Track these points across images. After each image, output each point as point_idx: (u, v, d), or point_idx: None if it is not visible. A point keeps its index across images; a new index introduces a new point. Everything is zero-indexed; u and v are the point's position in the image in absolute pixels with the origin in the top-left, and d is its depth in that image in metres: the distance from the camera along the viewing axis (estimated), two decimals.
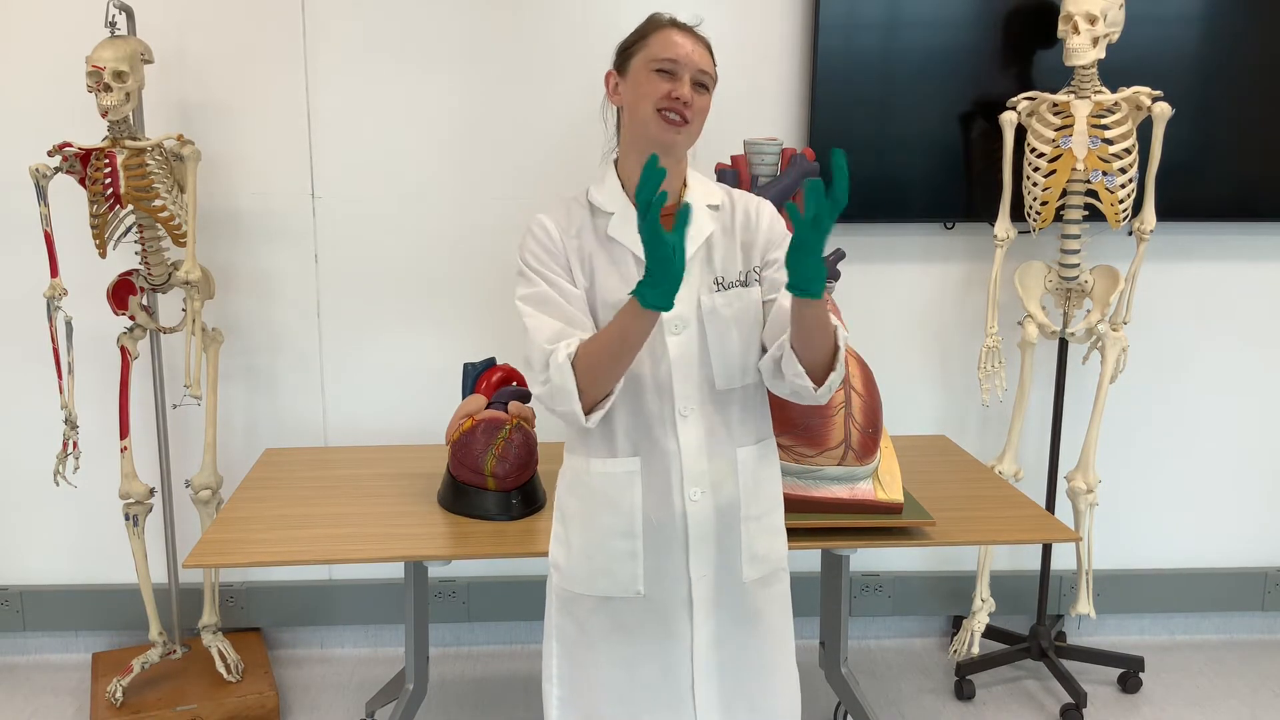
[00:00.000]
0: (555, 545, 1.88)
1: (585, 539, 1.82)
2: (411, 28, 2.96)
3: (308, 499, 2.43)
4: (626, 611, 1.81)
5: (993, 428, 3.28)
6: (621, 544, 1.80)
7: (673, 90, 1.75)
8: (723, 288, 1.80)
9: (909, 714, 2.97)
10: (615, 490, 1.79)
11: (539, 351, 1.72)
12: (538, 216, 1.83)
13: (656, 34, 1.79)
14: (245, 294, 3.07)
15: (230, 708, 2.85)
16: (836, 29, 2.93)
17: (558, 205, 1.86)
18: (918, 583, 3.34)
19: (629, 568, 1.80)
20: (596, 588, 1.81)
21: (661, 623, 1.81)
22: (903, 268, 3.16)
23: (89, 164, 2.65)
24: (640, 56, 1.79)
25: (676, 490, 1.78)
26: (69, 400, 2.75)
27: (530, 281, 1.78)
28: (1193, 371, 3.27)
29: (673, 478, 1.78)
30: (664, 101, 1.75)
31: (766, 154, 2.33)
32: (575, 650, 1.85)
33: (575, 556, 1.83)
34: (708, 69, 1.80)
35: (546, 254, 1.79)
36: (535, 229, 1.81)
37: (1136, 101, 2.74)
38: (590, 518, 1.81)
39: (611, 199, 1.83)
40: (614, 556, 1.80)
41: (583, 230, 1.82)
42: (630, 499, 1.79)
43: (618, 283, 1.78)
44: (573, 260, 1.80)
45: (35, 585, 3.20)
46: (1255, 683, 3.17)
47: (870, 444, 2.20)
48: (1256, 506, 3.38)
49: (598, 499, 1.80)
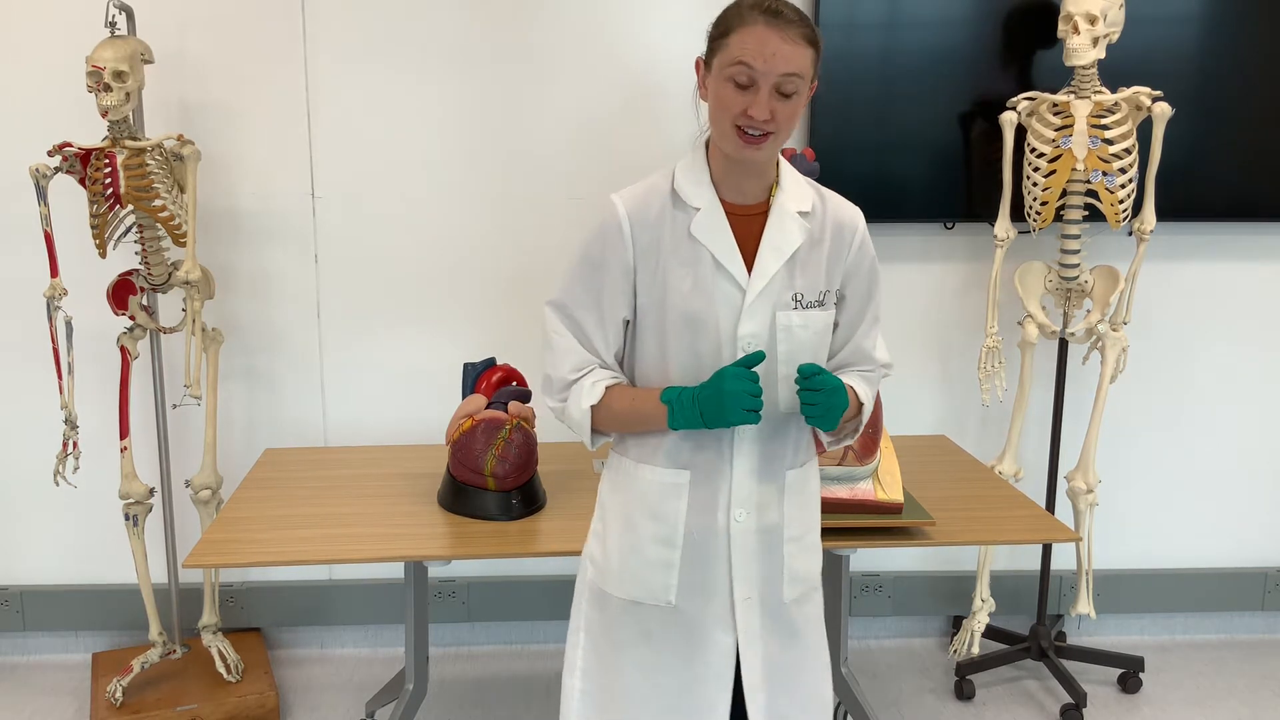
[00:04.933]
0: (594, 540, 1.84)
1: (623, 541, 1.77)
2: (412, 28, 2.96)
3: (308, 499, 2.43)
4: (654, 619, 1.76)
5: (993, 428, 3.28)
6: (659, 552, 1.74)
7: (749, 108, 1.57)
8: (801, 306, 1.69)
9: (909, 714, 2.97)
10: (660, 499, 1.73)
11: (561, 378, 1.72)
12: (612, 200, 1.68)
13: (739, 30, 1.58)
14: (245, 294, 3.07)
15: (230, 708, 2.85)
16: (836, 29, 2.93)
17: (639, 187, 1.70)
18: (918, 583, 3.34)
19: (663, 577, 1.74)
20: (627, 591, 1.77)
21: (688, 636, 1.76)
22: (903, 268, 3.16)
23: (89, 164, 2.65)
24: (721, 56, 1.61)
25: (723, 509, 1.73)
26: (69, 400, 2.75)
27: (572, 287, 1.69)
28: (1192, 371, 3.27)
29: (720, 497, 1.73)
30: (741, 119, 1.58)
31: None
32: (601, 645, 1.81)
33: (611, 556, 1.79)
34: (798, 70, 1.58)
35: (609, 255, 1.67)
36: (608, 219, 1.67)
37: (1136, 101, 2.74)
38: (631, 521, 1.76)
39: (699, 192, 1.68)
40: (649, 563, 1.75)
41: (662, 221, 1.67)
42: (675, 510, 1.73)
43: (690, 289, 1.65)
44: (641, 261, 1.66)
45: (35, 585, 3.20)
46: (1255, 683, 3.17)
47: (870, 444, 2.20)
48: (1256, 506, 3.37)
49: (641, 504, 1.75)
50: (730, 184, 1.69)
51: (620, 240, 1.66)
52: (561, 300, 1.71)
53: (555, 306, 1.72)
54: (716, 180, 1.69)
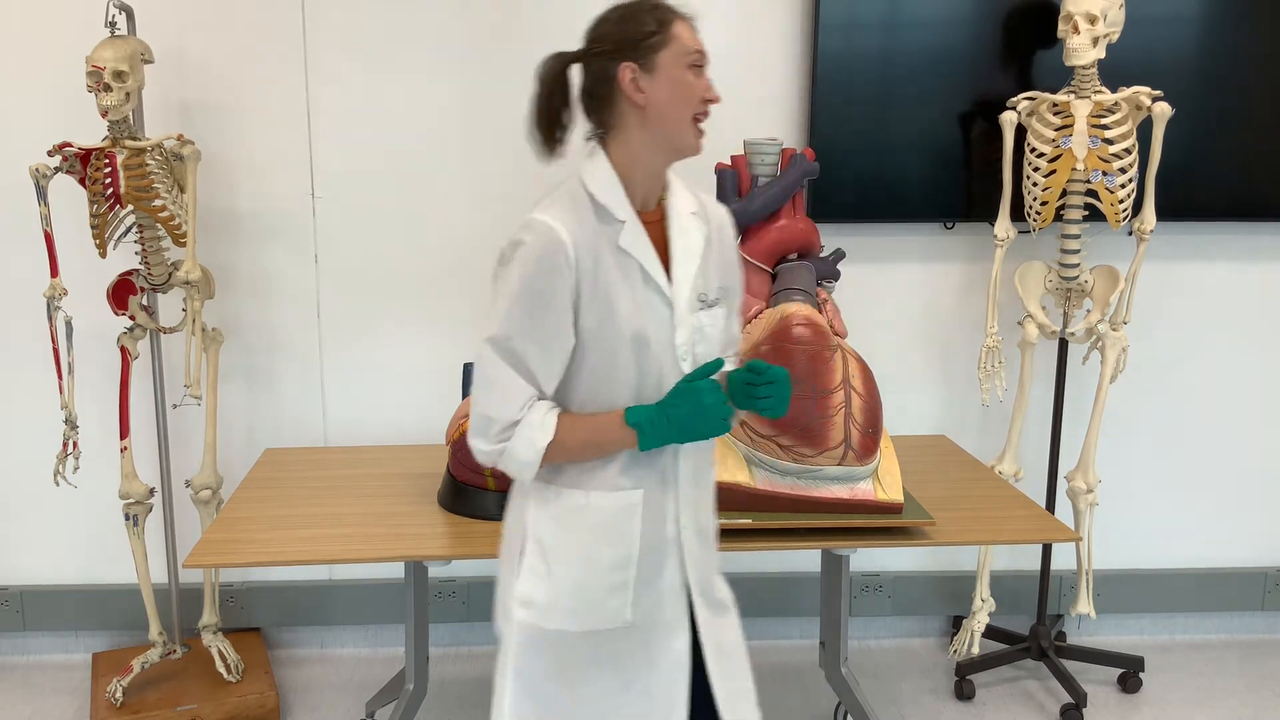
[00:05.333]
0: (531, 581, 1.72)
1: (577, 574, 1.70)
2: (412, 28, 2.96)
3: (308, 499, 2.43)
4: (611, 641, 1.73)
5: (993, 428, 3.28)
6: (616, 576, 1.71)
7: (708, 90, 1.64)
8: (707, 306, 1.72)
9: (909, 714, 2.97)
10: (616, 523, 1.70)
11: (506, 419, 1.61)
12: (549, 226, 1.58)
13: (676, 24, 1.63)
14: (245, 294, 3.07)
15: (230, 708, 2.85)
16: (836, 29, 2.93)
17: (564, 205, 1.64)
18: (918, 583, 3.34)
19: (619, 598, 1.72)
20: (583, 622, 1.71)
21: (645, 649, 1.75)
22: (903, 268, 3.16)
23: (89, 164, 2.65)
24: (669, 51, 1.62)
25: (670, 520, 1.74)
26: (69, 400, 2.75)
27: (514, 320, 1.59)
28: (1192, 371, 3.27)
29: (668, 508, 1.74)
30: (702, 106, 1.63)
31: (766, 154, 2.33)
32: (540, 689, 1.74)
33: (560, 592, 1.70)
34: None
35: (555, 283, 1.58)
36: (550, 245, 1.58)
37: (1136, 101, 2.74)
38: (585, 552, 1.70)
39: (618, 203, 1.65)
40: (607, 589, 1.71)
41: (596, 239, 1.62)
42: (631, 530, 1.70)
43: (631, 305, 1.63)
44: (584, 283, 1.60)
45: (35, 585, 3.20)
46: (1255, 683, 3.17)
47: (870, 444, 2.20)
48: (1256, 506, 3.37)
49: (596, 532, 1.70)
50: (636, 190, 1.68)
51: (566, 265, 1.58)
52: (504, 334, 1.60)
53: (496, 343, 1.61)
54: (630, 190, 1.68)
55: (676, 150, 1.66)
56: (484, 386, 1.63)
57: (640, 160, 1.67)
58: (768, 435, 2.19)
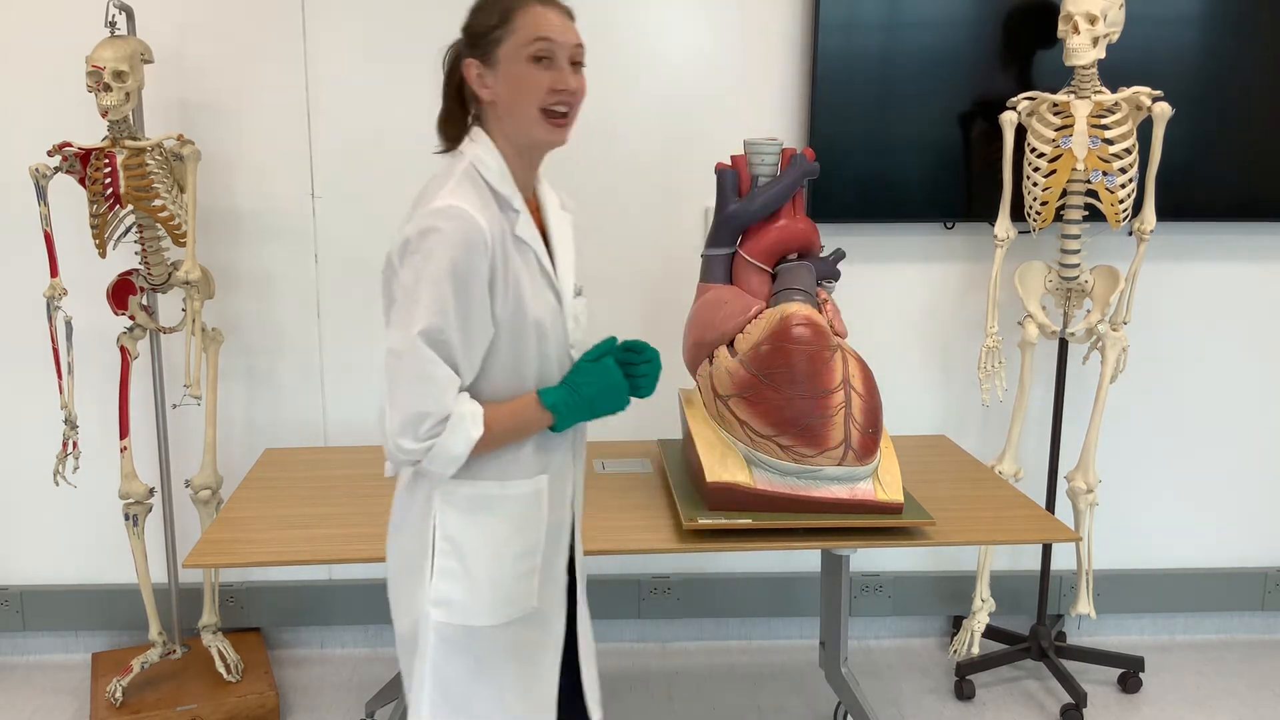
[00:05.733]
0: (445, 583, 1.69)
1: (489, 567, 1.70)
2: (412, 28, 2.96)
3: (308, 499, 2.43)
4: (522, 630, 1.75)
5: (993, 428, 3.28)
6: (524, 563, 1.73)
7: (556, 81, 1.59)
8: (579, 294, 1.78)
9: (909, 714, 2.97)
10: (525, 511, 1.72)
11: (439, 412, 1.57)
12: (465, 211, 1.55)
13: (522, 13, 1.59)
14: (245, 294, 3.07)
15: (230, 708, 2.85)
16: (836, 29, 2.93)
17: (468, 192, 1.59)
18: (918, 583, 3.34)
19: (527, 584, 1.74)
20: (501, 615, 1.72)
21: (546, 629, 1.79)
22: (903, 268, 3.16)
23: (89, 164, 2.65)
24: (510, 43, 1.59)
25: (567, 504, 1.80)
26: (69, 400, 2.75)
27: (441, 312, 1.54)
28: (1193, 371, 3.27)
29: (567, 492, 1.79)
30: (550, 98, 1.59)
31: (766, 154, 2.32)
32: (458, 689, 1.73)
33: (478, 589, 1.70)
34: (581, 42, 1.64)
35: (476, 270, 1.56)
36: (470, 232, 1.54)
37: (1136, 101, 2.74)
38: (497, 545, 1.70)
39: (512, 192, 1.65)
40: (518, 577, 1.72)
41: (502, 227, 1.61)
42: (539, 516, 1.73)
43: (533, 293, 1.65)
44: (498, 274, 1.59)
45: (35, 585, 3.20)
46: (1255, 683, 3.17)
47: (870, 444, 2.20)
48: (1256, 506, 3.37)
49: (507, 523, 1.71)
50: (518, 180, 1.69)
51: (485, 252, 1.56)
52: (435, 327, 1.55)
53: (426, 335, 1.55)
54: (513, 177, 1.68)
55: (529, 145, 1.65)
56: (413, 380, 1.56)
57: (508, 153, 1.67)
58: (768, 435, 2.19)
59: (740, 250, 2.35)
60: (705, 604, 3.31)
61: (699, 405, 2.41)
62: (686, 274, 3.12)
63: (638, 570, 3.29)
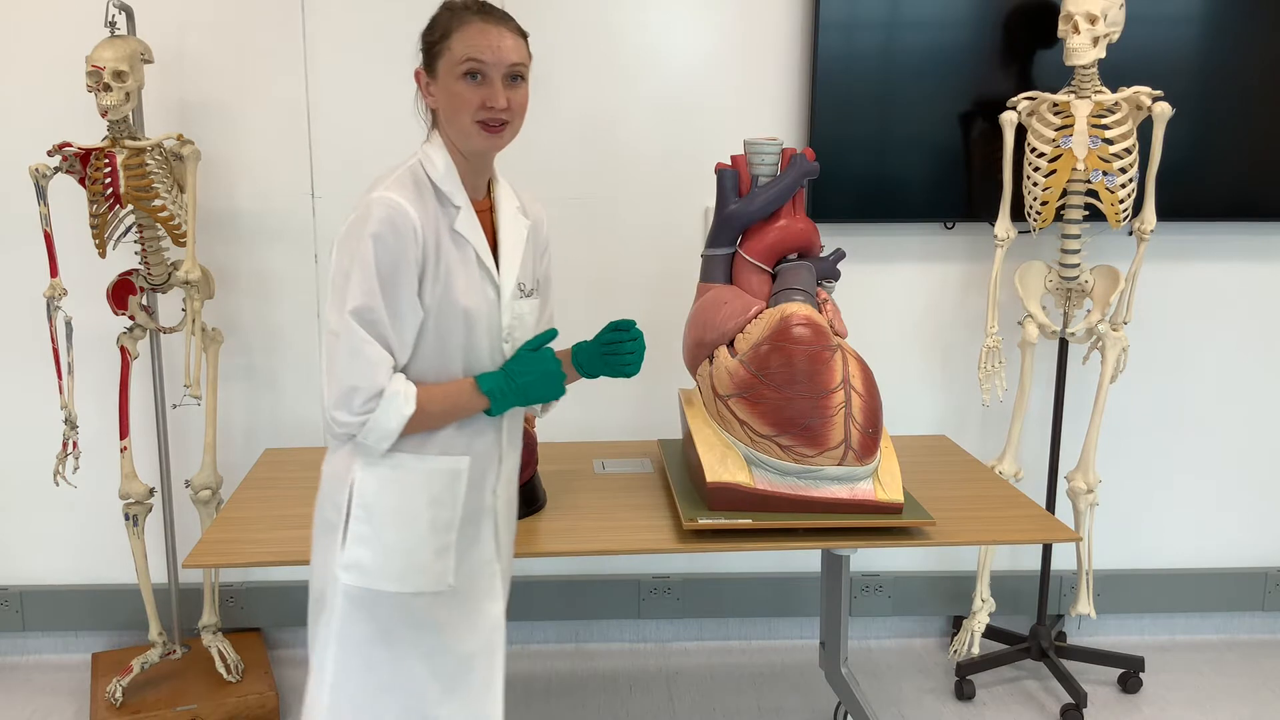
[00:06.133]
0: (357, 547, 1.78)
1: (401, 535, 1.78)
2: (412, 28, 2.94)
3: (308, 499, 2.42)
4: (434, 605, 1.82)
5: (993, 428, 3.28)
6: (439, 539, 1.80)
7: (486, 98, 1.69)
8: (525, 295, 1.85)
9: (909, 714, 2.97)
10: (440, 487, 1.80)
11: (371, 388, 1.68)
12: (396, 201, 1.66)
13: (459, 31, 1.69)
14: (245, 294, 3.07)
15: (230, 708, 2.85)
16: (836, 29, 2.93)
17: (407, 184, 1.71)
18: (918, 583, 3.34)
19: (443, 562, 1.81)
20: (409, 584, 1.79)
21: (465, 613, 1.85)
22: (903, 268, 3.16)
23: (89, 164, 2.65)
24: (446, 60, 1.70)
25: (489, 489, 1.86)
26: (69, 400, 2.75)
27: (371, 292, 1.66)
28: (1193, 371, 3.27)
29: (489, 477, 1.86)
30: (480, 113, 1.70)
31: (766, 154, 2.32)
32: (362, 652, 1.80)
33: (389, 555, 1.78)
34: (522, 60, 1.72)
35: (406, 254, 1.67)
36: (398, 219, 1.66)
37: (1137, 101, 2.74)
38: (408, 514, 1.78)
39: (455, 189, 1.76)
40: (431, 551, 1.80)
41: (437, 219, 1.72)
42: (455, 495, 1.81)
43: (465, 285, 1.74)
44: (429, 262, 1.70)
45: (35, 585, 3.20)
46: (1255, 683, 3.17)
47: (870, 444, 2.20)
48: (1256, 506, 3.37)
49: (420, 495, 1.78)
50: (467, 179, 1.80)
51: (414, 239, 1.67)
52: (366, 305, 1.66)
53: (358, 314, 1.67)
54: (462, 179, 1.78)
55: (469, 151, 1.76)
56: (347, 357, 1.68)
57: (456, 155, 1.78)
58: (768, 435, 2.19)
59: (740, 250, 2.35)
60: (705, 604, 3.31)
61: (699, 405, 2.41)
62: (686, 274, 3.12)
63: (638, 570, 3.29)
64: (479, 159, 1.79)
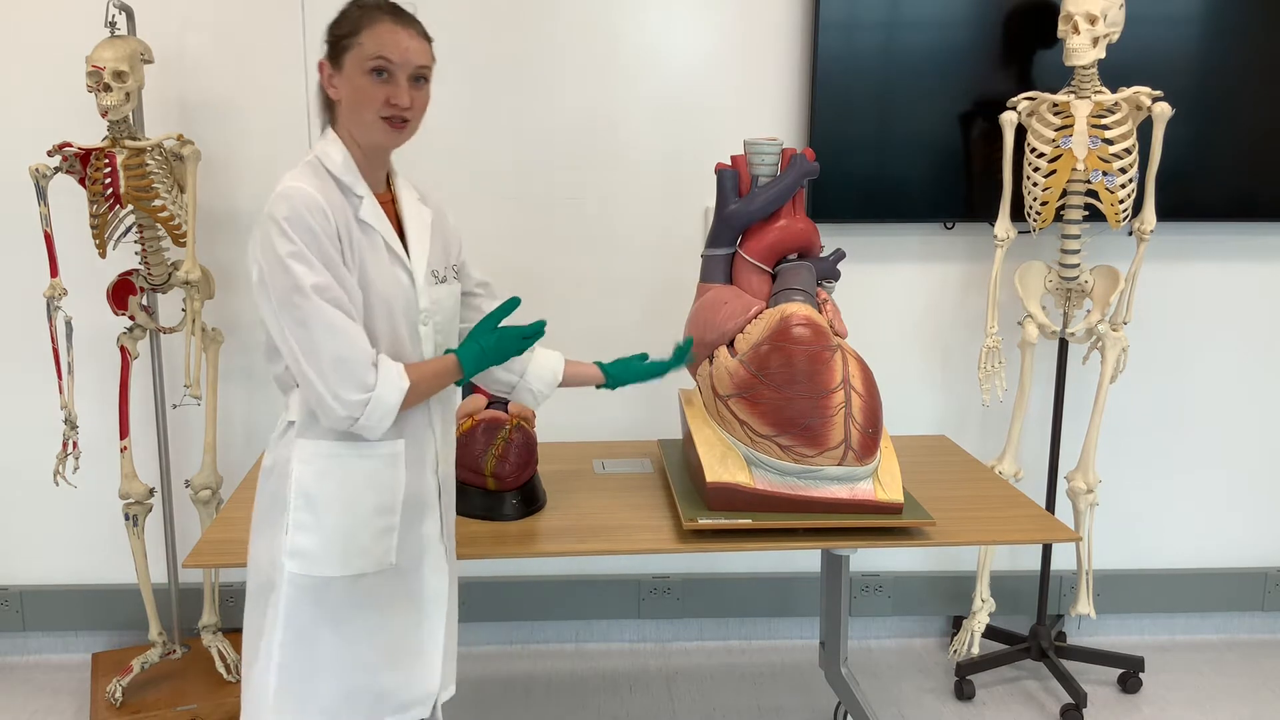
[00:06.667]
0: (299, 535, 1.79)
1: (342, 521, 1.80)
2: None
3: None
4: (377, 584, 1.84)
5: (993, 428, 3.28)
6: (381, 520, 1.83)
7: (391, 96, 1.73)
8: (439, 280, 1.88)
9: (909, 714, 2.97)
10: (379, 472, 1.82)
11: (363, 356, 1.69)
12: (302, 188, 1.69)
13: (370, 29, 1.72)
14: (245, 294, 3.07)
15: (230, 708, 2.85)
16: (836, 29, 2.93)
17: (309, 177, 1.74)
18: (918, 583, 3.34)
19: (385, 542, 1.83)
20: (352, 567, 1.81)
21: (407, 589, 1.88)
22: (903, 268, 3.16)
23: (89, 164, 2.65)
24: (353, 55, 1.73)
25: (430, 468, 1.89)
26: (69, 400, 2.75)
27: (315, 271, 1.67)
28: (1193, 371, 3.27)
29: (427, 456, 1.89)
30: (385, 109, 1.73)
31: (766, 154, 2.32)
32: (308, 634, 1.81)
33: (331, 540, 1.79)
34: (427, 62, 1.77)
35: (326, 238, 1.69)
36: (308, 203, 1.67)
37: (1136, 101, 2.74)
38: (349, 500, 1.80)
39: (356, 181, 1.79)
40: (373, 533, 1.82)
41: (344, 209, 1.75)
42: (395, 478, 1.83)
43: (378, 272, 1.77)
44: (344, 247, 1.73)
45: (35, 585, 3.20)
46: (1255, 683, 3.17)
47: (870, 444, 2.20)
48: (1256, 506, 3.37)
49: (359, 481, 1.80)
50: (366, 171, 1.82)
51: (327, 219, 1.69)
52: (321, 284, 1.67)
53: (319, 291, 1.67)
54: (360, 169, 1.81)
55: (370, 145, 1.79)
56: (326, 334, 1.67)
57: (354, 148, 1.80)
58: (768, 435, 2.19)
59: (740, 250, 2.35)
60: (705, 604, 3.31)
61: (699, 405, 2.41)
62: (686, 274, 3.12)
63: (638, 570, 3.29)
64: (377, 153, 1.82)
